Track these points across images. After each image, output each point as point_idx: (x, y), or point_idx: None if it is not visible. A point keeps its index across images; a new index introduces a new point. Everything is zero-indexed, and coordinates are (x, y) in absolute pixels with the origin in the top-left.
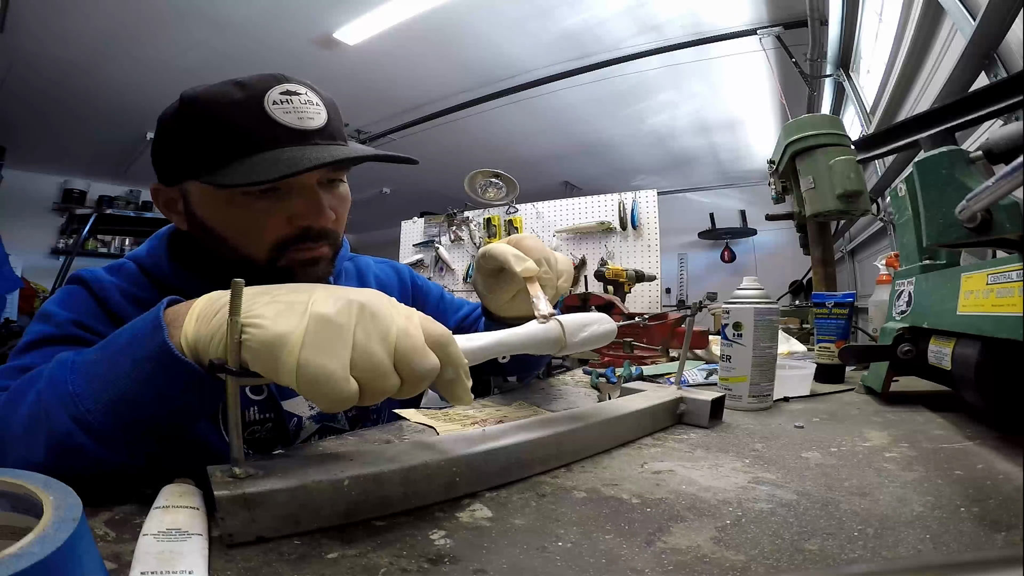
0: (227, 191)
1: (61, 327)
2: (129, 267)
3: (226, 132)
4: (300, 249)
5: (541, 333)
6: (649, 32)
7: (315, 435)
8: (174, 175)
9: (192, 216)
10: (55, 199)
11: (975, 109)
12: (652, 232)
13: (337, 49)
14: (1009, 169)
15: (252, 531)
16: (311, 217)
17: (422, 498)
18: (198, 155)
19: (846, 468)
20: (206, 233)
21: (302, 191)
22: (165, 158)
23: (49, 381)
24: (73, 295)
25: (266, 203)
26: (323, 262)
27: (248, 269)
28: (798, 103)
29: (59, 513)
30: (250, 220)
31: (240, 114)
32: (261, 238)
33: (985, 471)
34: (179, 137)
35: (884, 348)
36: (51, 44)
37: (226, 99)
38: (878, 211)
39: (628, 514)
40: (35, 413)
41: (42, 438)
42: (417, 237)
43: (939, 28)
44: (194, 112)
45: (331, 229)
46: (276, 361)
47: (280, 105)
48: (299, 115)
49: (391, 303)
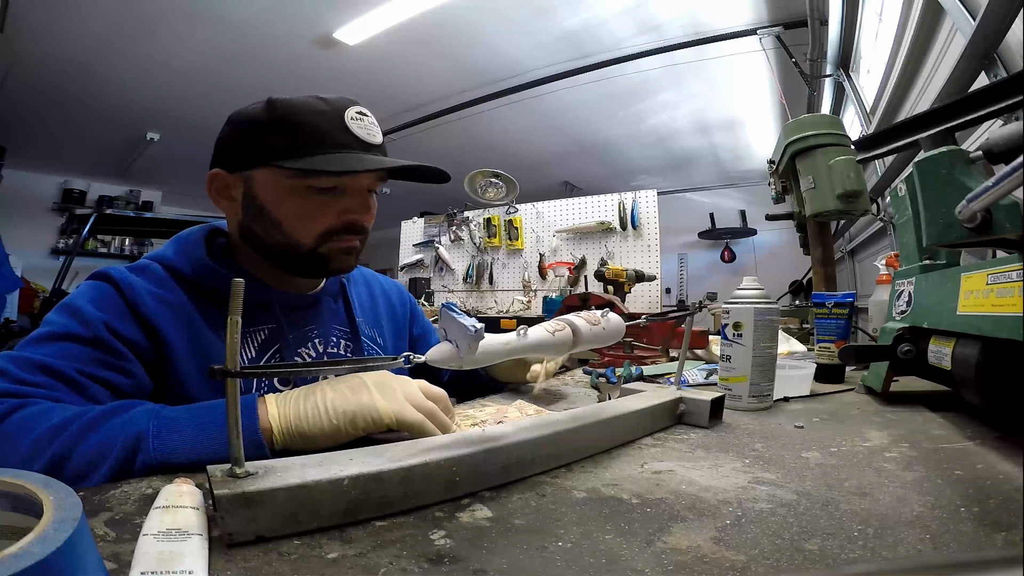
0: (294, 181)
1: (89, 327)
2: (155, 268)
3: (312, 131)
4: (341, 239)
5: (553, 336)
6: (649, 32)
7: None
8: (244, 162)
9: (251, 200)
10: (55, 199)
11: (975, 109)
12: (652, 232)
13: (337, 49)
14: (1009, 169)
15: (252, 530)
16: (360, 213)
17: (422, 498)
18: (279, 146)
19: (846, 468)
20: (261, 216)
21: (356, 192)
22: (236, 148)
23: (127, 422)
24: (103, 293)
25: (325, 198)
26: (355, 253)
27: (292, 252)
28: (798, 103)
29: (59, 513)
30: (308, 209)
31: (324, 120)
32: (313, 226)
33: (985, 471)
34: (260, 130)
35: (884, 348)
36: (51, 44)
37: (312, 107)
38: (878, 211)
39: (628, 514)
40: (107, 447)
41: (105, 471)
42: (417, 237)
43: (939, 28)
44: (283, 112)
45: (366, 227)
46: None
47: (356, 120)
48: (367, 131)
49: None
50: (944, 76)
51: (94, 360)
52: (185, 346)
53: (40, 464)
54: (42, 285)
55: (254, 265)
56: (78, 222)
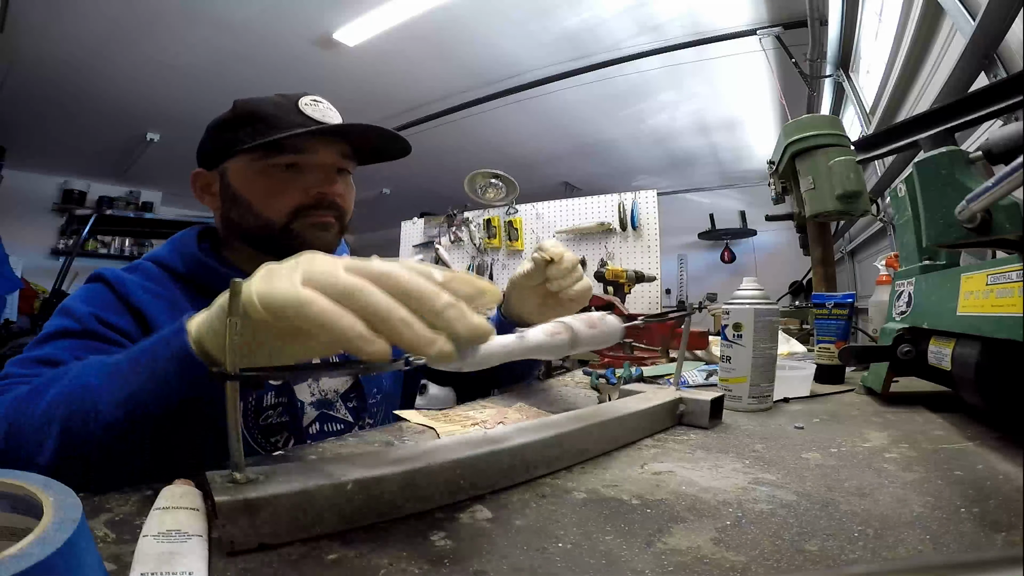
0: (258, 164)
1: (80, 321)
2: (147, 266)
3: (268, 119)
4: (312, 215)
5: (551, 339)
6: (649, 32)
7: (315, 423)
8: (217, 158)
9: (226, 189)
10: (55, 199)
11: (975, 109)
12: (652, 233)
13: (337, 49)
14: (1009, 169)
15: (254, 538)
16: (324, 185)
17: (426, 502)
18: (243, 136)
19: (846, 469)
20: (236, 202)
21: (319, 168)
22: (211, 148)
23: (73, 377)
24: (93, 291)
25: (288, 174)
26: (331, 229)
27: (267, 232)
28: (798, 103)
29: (59, 514)
30: (273, 187)
31: (280, 109)
32: (281, 202)
33: (985, 471)
34: (228, 128)
35: (884, 348)
36: (51, 44)
37: (271, 101)
38: (878, 211)
39: (628, 515)
40: (55, 402)
41: (56, 427)
42: (417, 238)
43: (939, 28)
44: (245, 109)
45: (339, 204)
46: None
47: (309, 105)
48: (322, 113)
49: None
50: (944, 76)
51: (88, 349)
52: None
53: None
54: (42, 286)
55: (242, 259)
56: (78, 223)
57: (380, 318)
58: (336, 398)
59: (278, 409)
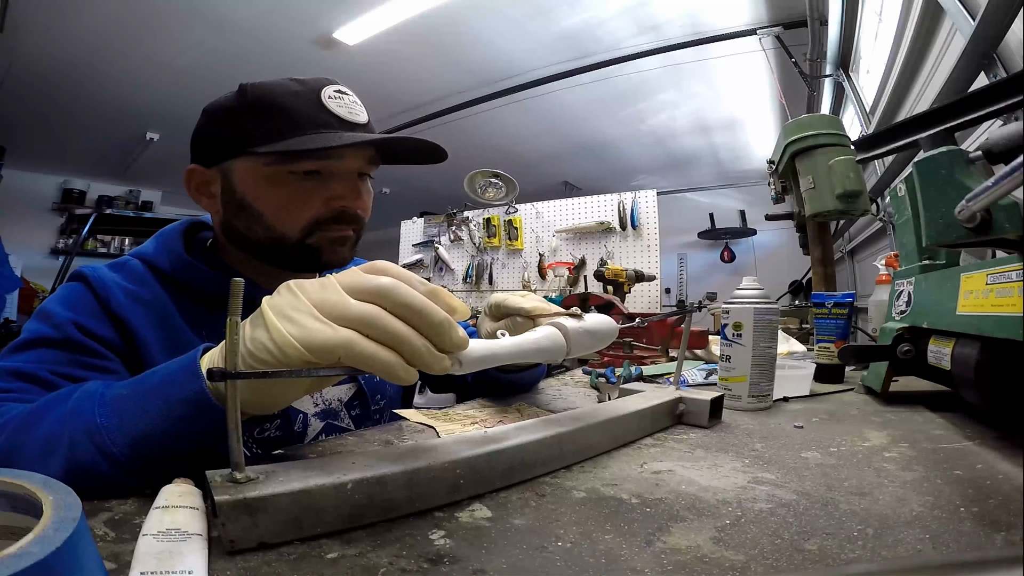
0: (273, 168)
1: (59, 328)
2: (133, 264)
3: (286, 112)
4: (332, 229)
5: (546, 340)
6: (649, 32)
7: (321, 433)
8: (218, 155)
9: (230, 194)
10: (55, 199)
11: (975, 109)
12: (652, 232)
13: (337, 49)
14: (1009, 169)
15: (254, 537)
16: (349, 199)
17: (426, 501)
18: (254, 132)
19: (846, 468)
20: (243, 210)
21: (344, 177)
22: (211, 140)
23: (75, 411)
24: (74, 293)
25: (309, 184)
26: (349, 243)
27: (279, 246)
28: (798, 103)
29: (59, 513)
30: (291, 198)
31: (299, 101)
32: (300, 216)
33: (985, 471)
34: (234, 118)
35: (884, 348)
36: (51, 44)
37: (285, 88)
38: (878, 211)
39: (628, 514)
40: (56, 438)
41: (60, 462)
42: (417, 237)
43: (939, 28)
44: (254, 97)
45: (360, 215)
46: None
47: (334, 99)
48: (348, 109)
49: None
50: (944, 76)
51: (68, 361)
52: (160, 343)
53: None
54: (42, 285)
55: (241, 261)
56: (78, 222)
57: (398, 342)
58: (340, 407)
59: (275, 422)
